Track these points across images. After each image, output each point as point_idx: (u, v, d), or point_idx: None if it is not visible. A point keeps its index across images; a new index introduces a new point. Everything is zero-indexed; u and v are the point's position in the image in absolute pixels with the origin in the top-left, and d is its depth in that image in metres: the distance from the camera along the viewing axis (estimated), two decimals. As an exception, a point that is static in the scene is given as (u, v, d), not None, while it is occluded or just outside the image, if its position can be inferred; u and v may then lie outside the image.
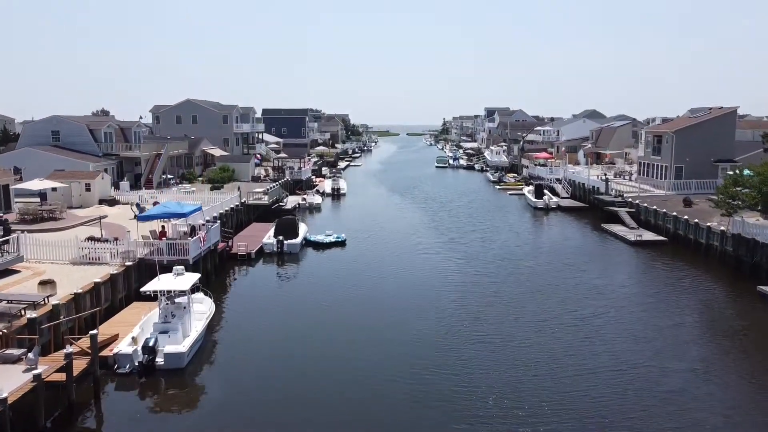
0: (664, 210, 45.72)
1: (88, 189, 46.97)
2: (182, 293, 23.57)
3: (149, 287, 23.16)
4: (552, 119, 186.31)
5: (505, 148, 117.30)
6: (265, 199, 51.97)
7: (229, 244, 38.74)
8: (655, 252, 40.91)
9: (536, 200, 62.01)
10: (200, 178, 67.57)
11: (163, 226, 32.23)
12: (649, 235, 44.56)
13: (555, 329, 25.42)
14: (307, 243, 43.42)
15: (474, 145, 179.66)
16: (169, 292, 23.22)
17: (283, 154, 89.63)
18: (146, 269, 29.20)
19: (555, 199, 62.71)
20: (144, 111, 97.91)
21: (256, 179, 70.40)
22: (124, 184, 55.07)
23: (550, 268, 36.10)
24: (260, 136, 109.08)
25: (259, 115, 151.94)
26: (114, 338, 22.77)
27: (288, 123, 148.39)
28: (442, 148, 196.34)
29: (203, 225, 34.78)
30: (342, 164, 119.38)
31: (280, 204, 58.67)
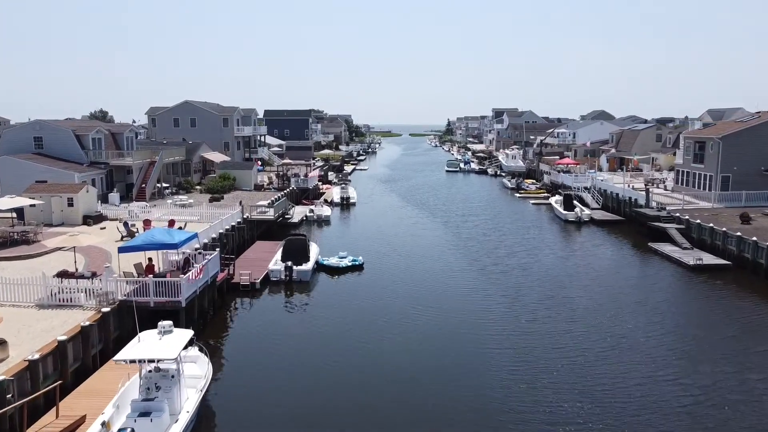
0: (725, 229, 40.19)
1: (70, 204, 41.52)
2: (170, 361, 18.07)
3: (125, 354, 17.63)
4: (559, 120, 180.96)
5: (520, 151, 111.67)
6: (270, 214, 46.49)
7: (230, 271, 33.25)
8: (723, 280, 35.36)
9: (566, 212, 56.48)
10: (198, 187, 62.19)
11: (150, 258, 26.73)
12: (709, 258, 39.02)
13: (661, 416, 19.76)
14: (320, 267, 37.99)
15: (483, 147, 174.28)
16: (151, 361, 17.75)
17: (287, 159, 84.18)
18: (128, 314, 23.75)
19: (587, 211, 57.19)
20: (143, 113, 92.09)
21: (258, 187, 65.04)
22: (114, 196, 49.61)
23: (618, 310, 29.67)
24: (262, 139, 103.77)
25: (260, 116, 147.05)
26: (80, 422, 17.30)
27: (291, 124, 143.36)
28: (449, 150, 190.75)
29: (199, 253, 29.34)
30: (348, 168, 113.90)
31: (286, 217, 53.23)
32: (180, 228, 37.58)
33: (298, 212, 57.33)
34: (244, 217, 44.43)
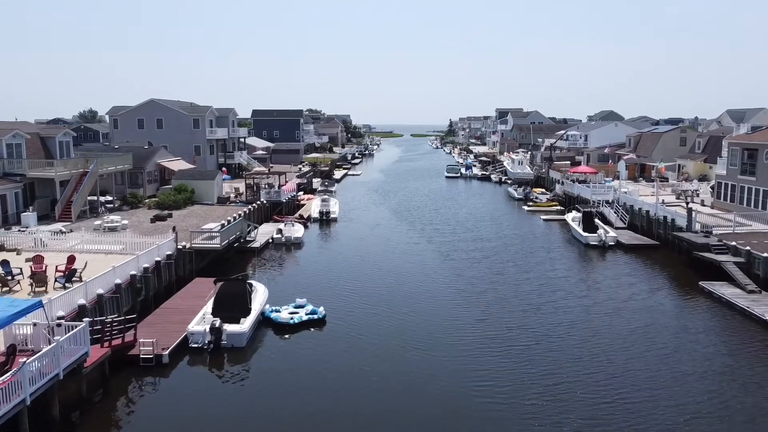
0: (807, 268, 30.29)
1: (-53, 232, 31.89)
2: None
3: None
4: (565, 121, 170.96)
5: (527, 155, 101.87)
6: (216, 242, 36.55)
7: (125, 339, 23.43)
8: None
9: (587, 234, 46.50)
10: (148, 201, 52.41)
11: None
12: (789, 310, 29.08)
13: None
14: (265, 320, 28.25)
15: (485, 149, 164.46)
16: None
17: (259, 167, 74.46)
18: None
19: (611, 233, 47.24)
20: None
21: (223, 201, 55.30)
22: (28, 216, 40.00)
23: (694, 404, 20.07)
24: (243, 142, 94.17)
25: (248, 116, 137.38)
26: None
27: (281, 125, 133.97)
28: (450, 152, 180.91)
29: (59, 325, 19.62)
30: (338, 174, 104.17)
31: (247, 240, 43.53)
32: (74, 270, 27.89)
33: (263, 233, 47.63)
34: (179, 247, 34.60)
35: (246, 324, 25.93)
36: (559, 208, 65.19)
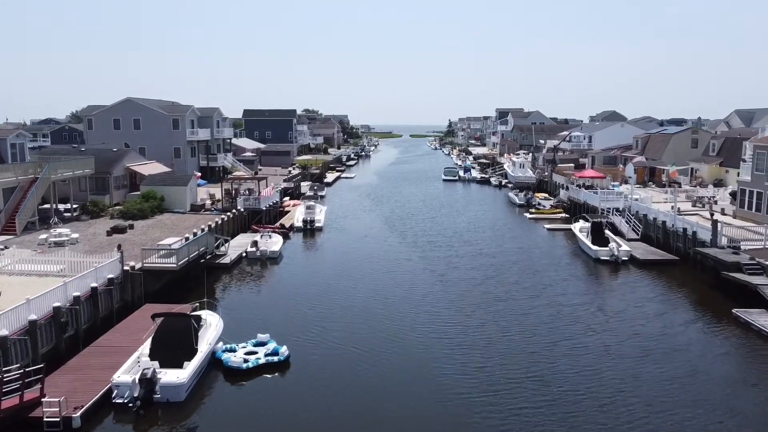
0: None
1: None
2: None
3: None
4: (566, 121, 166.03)
5: (528, 157, 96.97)
6: (172, 262, 31.52)
7: (29, 395, 18.49)
8: None
9: (597, 248, 41.59)
10: (112, 209, 47.47)
11: None
12: None
13: None
14: (216, 363, 23.32)
15: (485, 150, 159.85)
16: None
17: (244, 170, 69.50)
18: None
19: (624, 246, 42.28)
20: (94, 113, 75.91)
21: (197, 208, 50.42)
22: (-37, 229, 35.12)
23: None
24: (229, 143, 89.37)
25: (239, 116, 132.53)
26: None
27: (273, 125, 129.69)
28: (449, 154, 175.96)
29: None
30: (330, 177, 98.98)
31: (216, 255, 38.64)
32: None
33: (236, 247, 42.72)
34: (126, 268, 29.63)
35: (186, 372, 20.94)
36: (563, 215, 60.38)
